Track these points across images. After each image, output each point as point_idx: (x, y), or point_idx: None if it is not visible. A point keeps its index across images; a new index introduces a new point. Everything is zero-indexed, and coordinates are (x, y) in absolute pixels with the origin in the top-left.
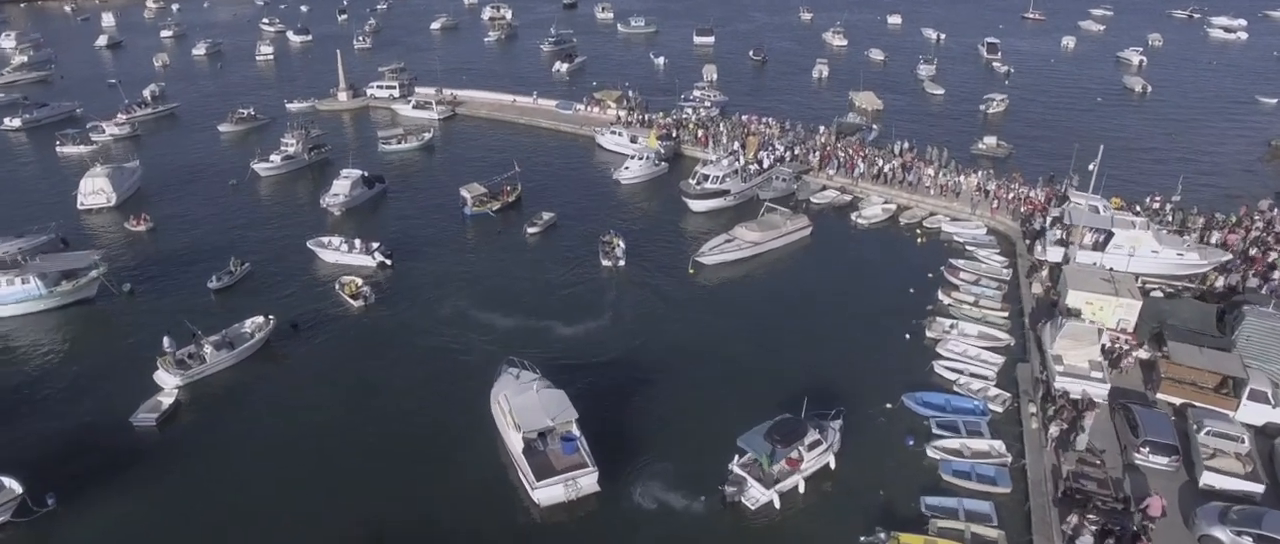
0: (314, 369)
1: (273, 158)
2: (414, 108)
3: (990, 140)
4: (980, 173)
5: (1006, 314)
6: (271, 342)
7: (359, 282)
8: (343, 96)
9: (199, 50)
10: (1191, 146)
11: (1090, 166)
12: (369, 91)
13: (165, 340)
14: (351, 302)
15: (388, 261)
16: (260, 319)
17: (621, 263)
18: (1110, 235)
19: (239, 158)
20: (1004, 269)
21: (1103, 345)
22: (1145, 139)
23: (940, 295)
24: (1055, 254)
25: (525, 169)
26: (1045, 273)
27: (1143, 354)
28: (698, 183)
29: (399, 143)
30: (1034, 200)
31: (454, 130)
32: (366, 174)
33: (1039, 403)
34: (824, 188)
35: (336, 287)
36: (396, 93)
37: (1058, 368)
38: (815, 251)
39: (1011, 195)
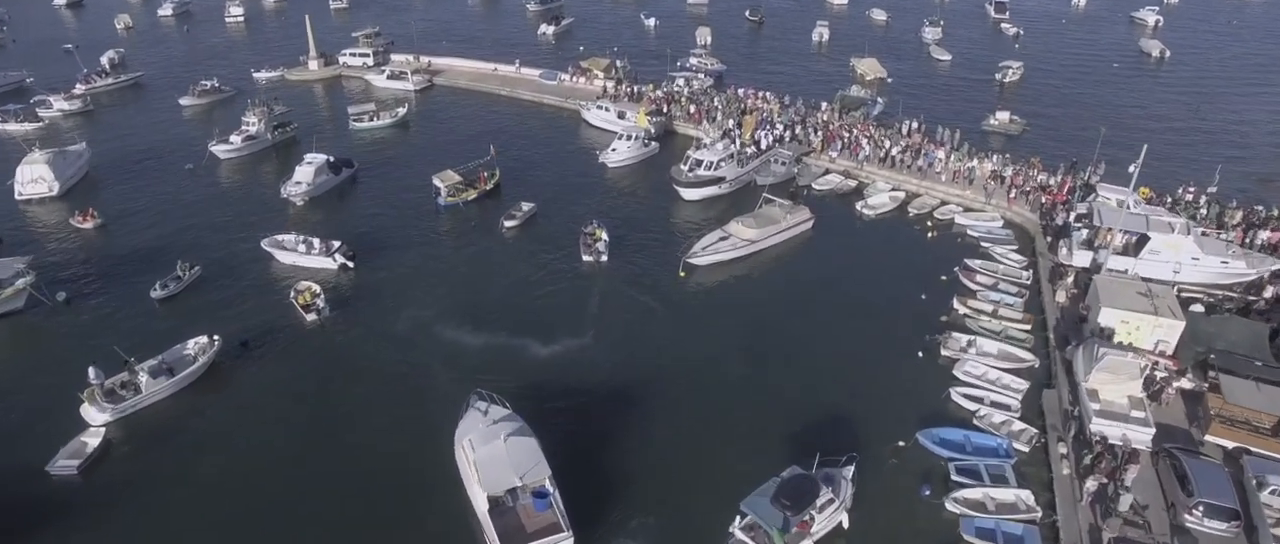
0: (263, 397)
1: (232, 139)
2: (388, 78)
3: (1003, 116)
4: (996, 157)
5: (1029, 327)
6: (218, 363)
7: (315, 289)
8: (313, 65)
9: (165, 10)
10: (1217, 122)
11: (1131, 168)
12: (342, 59)
13: (91, 371)
14: (305, 315)
15: (350, 263)
16: (204, 340)
17: (603, 258)
18: (1145, 239)
19: (200, 136)
20: (1024, 271)
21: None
22: (1167, 114)
23: (955, 303)
24: (1082, 258)
25: (504, 150)
26: (1071, 280)
27: (1186, 384)
28: (690, 169)
29: (371, 120)
30: (1054, 191)
31: (431, 103)
32: (332, 159)
33: (1070, 444)
34: (826, 172)
35: (291, 295)
36: (370, 61)
37: (1093, 406)
38: (817, 248)
39: (1030, 185)
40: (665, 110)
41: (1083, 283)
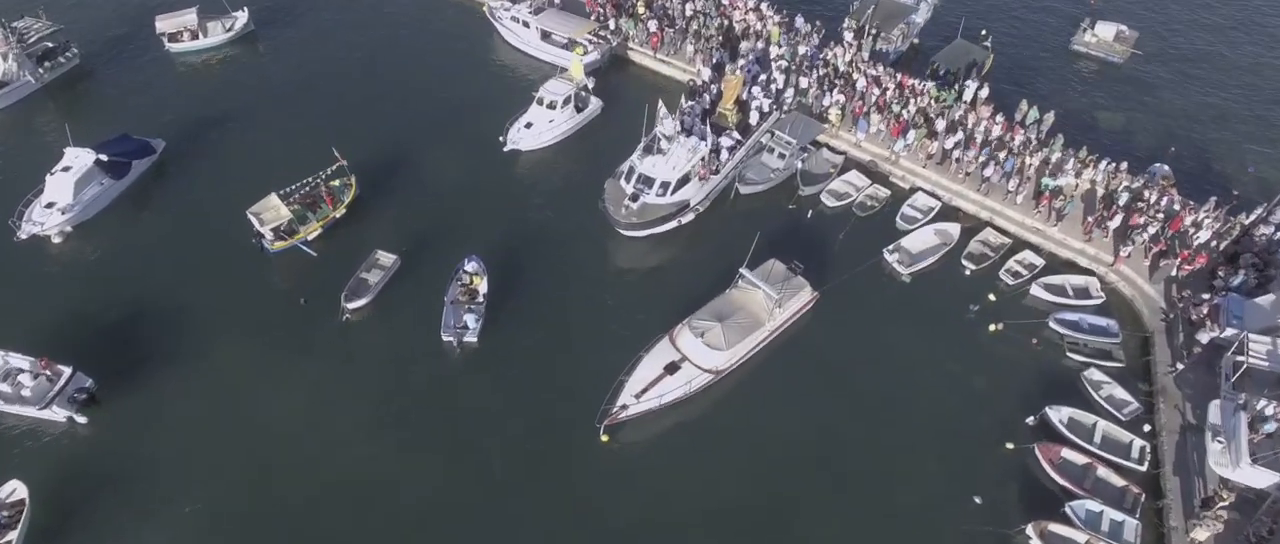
0: None
1: None
2: None
3: (1105, 30)
4: (1105, 164)
5: None
6: None
7: (20, 499)
8: None
9: None
10: None
11: None
12: None
13: None
14: None
15: (80, 419)
16: None
17: (470, 338)
18: None
19: None
20: (1140, 440)
21: None
22: None
23: (1031, 532)
24: (1253, 475)
25: (376, 103)
26: (1225, 504)
27: None
28: (633, 195)
29: (195, 38)
30: (1195, 249)
31: None
32: (105, 157)
33: None
34: (844, 163)
35: None
36: None
37: None
38: (816, 357)
39: (1152, 230)
40: (614, 26)
41: (1243, 504)
